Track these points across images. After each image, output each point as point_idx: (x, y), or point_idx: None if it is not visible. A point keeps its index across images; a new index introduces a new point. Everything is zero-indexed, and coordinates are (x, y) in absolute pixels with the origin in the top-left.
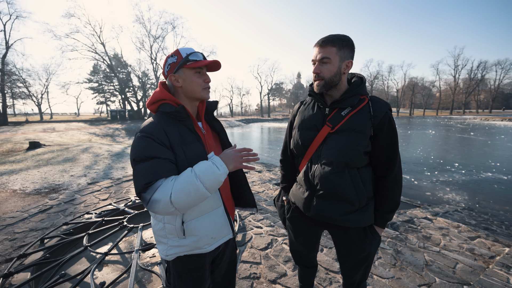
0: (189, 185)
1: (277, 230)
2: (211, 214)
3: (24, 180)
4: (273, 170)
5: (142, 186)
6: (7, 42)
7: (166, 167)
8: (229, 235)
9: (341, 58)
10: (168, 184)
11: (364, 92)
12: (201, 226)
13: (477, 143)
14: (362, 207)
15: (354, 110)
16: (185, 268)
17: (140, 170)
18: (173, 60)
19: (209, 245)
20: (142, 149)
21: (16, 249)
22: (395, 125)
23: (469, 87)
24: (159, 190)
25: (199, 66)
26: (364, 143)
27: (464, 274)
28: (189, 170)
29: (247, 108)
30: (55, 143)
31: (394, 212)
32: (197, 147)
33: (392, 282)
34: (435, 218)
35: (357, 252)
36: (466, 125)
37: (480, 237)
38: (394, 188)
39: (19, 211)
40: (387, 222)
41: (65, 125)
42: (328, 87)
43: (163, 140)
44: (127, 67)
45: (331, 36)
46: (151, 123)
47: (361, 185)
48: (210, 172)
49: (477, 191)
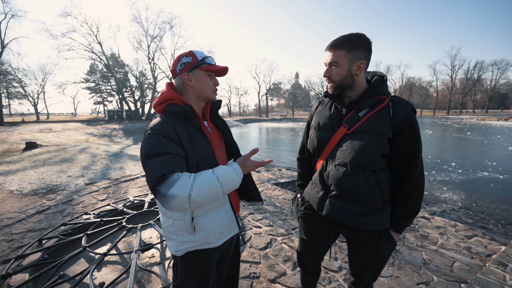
0: (210, 186)
1: (276, 230)
2: (218, 210)
3: (21, 181)
4: (272, 170)
5: (157, 178)
6: (2, 41)
7: (178, 162)
8: (235, 230)
9: (351, 60)
10: (187, 181)
11: (384, 92)
12: (210, 222)
13: (474, 142)
14: (377, 210)
15: (372, 111)
16: (193, 264)
17: (153, 164)
18: (188, 60)
19: (218, 240)
20: (154, 145)
21: (14, 250)
22: (417, 127)
23: (466, 87)
24: (176, 185)
25: (212, 70)
26: (380, 145)
27: (462, 272)
28: (210, 172)
29: (245, 108)
30: (52, 144)
31: (413, 218)
32: (204, 145)
33: (390, 281)
34: (433, 217)
35: (369, 255)
36: (462, 125)
37: (477, 235)
38: (413, 193)
39: (16, 212)
40: (404, 228)
41: (62, 125)
42: (340, 90)
43: (173, 138)
44: (124, 66)
45: (341, 38)
46: (161, 122)
47: (376, 188)
48: (230, 179)
49: (474, 190)
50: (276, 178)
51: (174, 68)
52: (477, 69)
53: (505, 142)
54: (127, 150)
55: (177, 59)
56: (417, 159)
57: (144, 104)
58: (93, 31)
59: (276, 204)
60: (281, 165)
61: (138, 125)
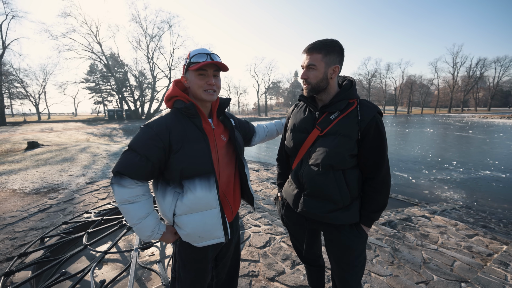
0: (128, 217)
1: (275, 229)
2: (203, 213)
3: (23, 180)
4: (271, 169)
5: (115, 171)
6: (3, 42)
7: (138, 166)
8: (220, 238)
9: (327, 64)
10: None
11: (353, 96)
12: (190, 223)
13: (476, 141)
14: (346, 206)
15: (342, 115)
16: (190, 257)
17: (123, 156)
18: (185, 62)
19: (196, 243)
20: (136, 138)
21: (17, 248)
22: (382, 129)
23: (468, 85)
24: (118, 190)
25: (198, 68)
26: (349, 147)
27: (462, 271)
28: (143, 214)
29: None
30: (53, 143)
31: (380, 212)
32: (199, 147)
33: (389, 280)
34: (433, 216)
35: (344, 248)
36: (464, 123)
37: (478, 235)
38: (381, 190)
39: (19, 210)
40: (373, 222)
41: (62, 125)
42: (315, 92)
43: (161, 135)
44: (124, 66)
45: (317, 42)
46: (159, 118)
47: (344, 186)
48: (145, 231)
49: (475, 189)
50: (275, 177)
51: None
52: (479, 66)
53: (508, 141)
54: None
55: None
56: (383, 158)
57: (144, 104)
58: (93, 31)
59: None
60: None
61: (138, 124)
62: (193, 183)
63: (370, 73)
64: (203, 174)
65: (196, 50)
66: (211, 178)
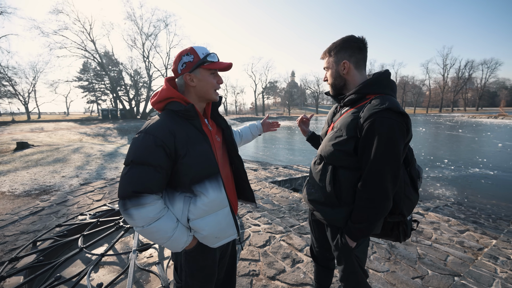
0: (159, 235)
1: (275, 228)
2: (217, 214)
3: (12, 182)
4: (269, 169)
5: (130, 192)
6: None
7: (157, 178)
8: (234, 235)
9: (336, 62)
10: (152, 215)
11: (372, 91)
12: (205, 225)
13: (465, 140)
14: (334, 205)
15: (350, 109)
16: (198, 266)
17: (133, 175)
18: (189, 59)
19: (213, 244)
20: (141, 151)
21: (7, 252)
22: (382, 130)
23: (457, 86)
24: (142, 211)
25: (215, 68)
26: (339, 141)
27: (455, 266)
28: (173, 225)
29: (241, 106)
30: (44, 144)
31: (362, 226)
32: (203, 148)
33: (387, 276)
34: (427, 213)
35: (335, 249)
36: (454, 123)
37: (469, 230)
38: (364, 199)
39: (8, 213)
40: (356, 236)
41: (54, 124)
42: (336, 90)
43: (167, 141)
44: (118, 65)
45: (330, 45)
46: (157, 122)
47: (331, 181)
48: (177, 244)
49: (466, 186)
50: (273, 176)
51: (175, 68)
52: (467, 68)
53: (495, 139)
54: (122, 150)
55: (178, 58)
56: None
57: (139, 103)
58: (86, 29)
59: (274, 202)
60: (278, 164)
61: (133, 124)
62: (204, 186)
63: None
64: (212, 176)
65: (203, 48)
66: (219, 177)
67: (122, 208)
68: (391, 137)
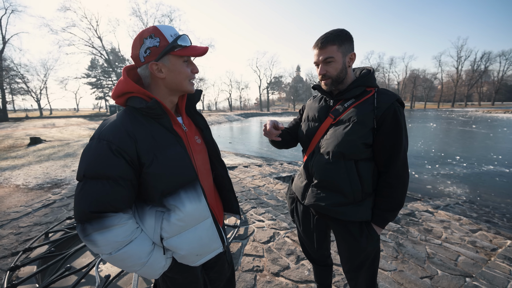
0: (132, 261)
1: (279, 224)
2: (196, 228)
3: (26, 175)
4: (273, 164)
5: (87, 213)
6: (3, 37)
7: (120, 193)
8: (218, 249)
9: (343, 53)
10: (119, 239)
11: (371, 84)
12: (183, 244)
13: (479, 136)
14: (358, 201)
15: (357, 102)
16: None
17: (87, 192)
18: (155, 43)
19: (194, 262)
20: (94, 161)
21: (22, 243)
22: (402, 118)
23: (472, 79)
24: (105, 236)
25: (189, 55)
26: (361, 134)
27: (466, 266)
28: (148, 250)
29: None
30: (55, 139)
31: (396, 212)
32: (176, 152)
33: (394, 275)
34: (436, 211)
35: (355, 249)
36: (468, 118)
37: (482, 229)
38: (395, 185)
39: (22, 205)
40: (386, 222)
41: (64, 120)
42: (336, 84)
43: (125, 147)
44: (124, 61)
45: (328, 34)
46: (113, 124)
47: (356, 178)
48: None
49: (479, 184)
50: (278, 172)
51: (136, 54)
52: (484, 60)
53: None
54: None
55: (138, 42)
56: (399, 150)
57: None
58: (93, 26)
59: (278, 198)
60: (283, 159)
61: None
62: (178, 198)
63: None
64: (188, 184)
65: (170, 28)
66: (197, 185)
67: (81, 234)
68: (405, 124)
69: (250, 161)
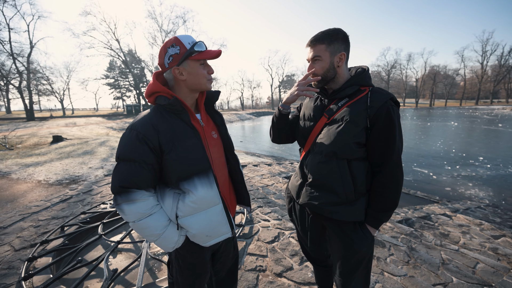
0: (149, 232)
1: (285, 224)
2: (207, 211)
3: (47, 172)
4: (283, 164)
5: (117, 187)
6: (31, 42)
7: (142, 174)
8: (227, 234)
9: (332, 53)
10: (143, 210)
11: (365, 83)
12: (195, 223)
13: (506, 135)
14: (351, 201)
15: (351, 101)
16: (187, 264)
17: (118, 170)
18: (176, 51)
19: (204, 242)
20: (125, 147)
21: (40, 235)
22: (395, 117)
23: (499, 75)
24: (133, 206)
25: (204, 58)
26: (354, 133)
27: (485, 274)
28: (164, 224)
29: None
30: (75, 137)
31: (390, 213)
32: (193, 143)
33: (404, 280)
34: (455, 215)
35: (348, 250)
36: (493, 116)
37: (505, 236)
38: (389, 185)
39: (43, 200)
40: (380, 223)
41: (85, 119)
42: (324, 83)
43: (150, 137)
44: (140, 62)
45: (319, 33)
46: (142, 117)
47: (349, 177)
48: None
49: (504, 187)
50: (288, 172)
51: (162, 62)
52: None
53: None
54: None
55: (163, 51)
56: (392, 149)
57: None
58: (111, 29)
59: None
60: (293, 159)
61: None
62: (192, 183)
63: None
64: (201, 172)
65: (188, 37)
66: (210, 174)
67: (114, 203)
68: (399, 123)
69: (260, 160)
